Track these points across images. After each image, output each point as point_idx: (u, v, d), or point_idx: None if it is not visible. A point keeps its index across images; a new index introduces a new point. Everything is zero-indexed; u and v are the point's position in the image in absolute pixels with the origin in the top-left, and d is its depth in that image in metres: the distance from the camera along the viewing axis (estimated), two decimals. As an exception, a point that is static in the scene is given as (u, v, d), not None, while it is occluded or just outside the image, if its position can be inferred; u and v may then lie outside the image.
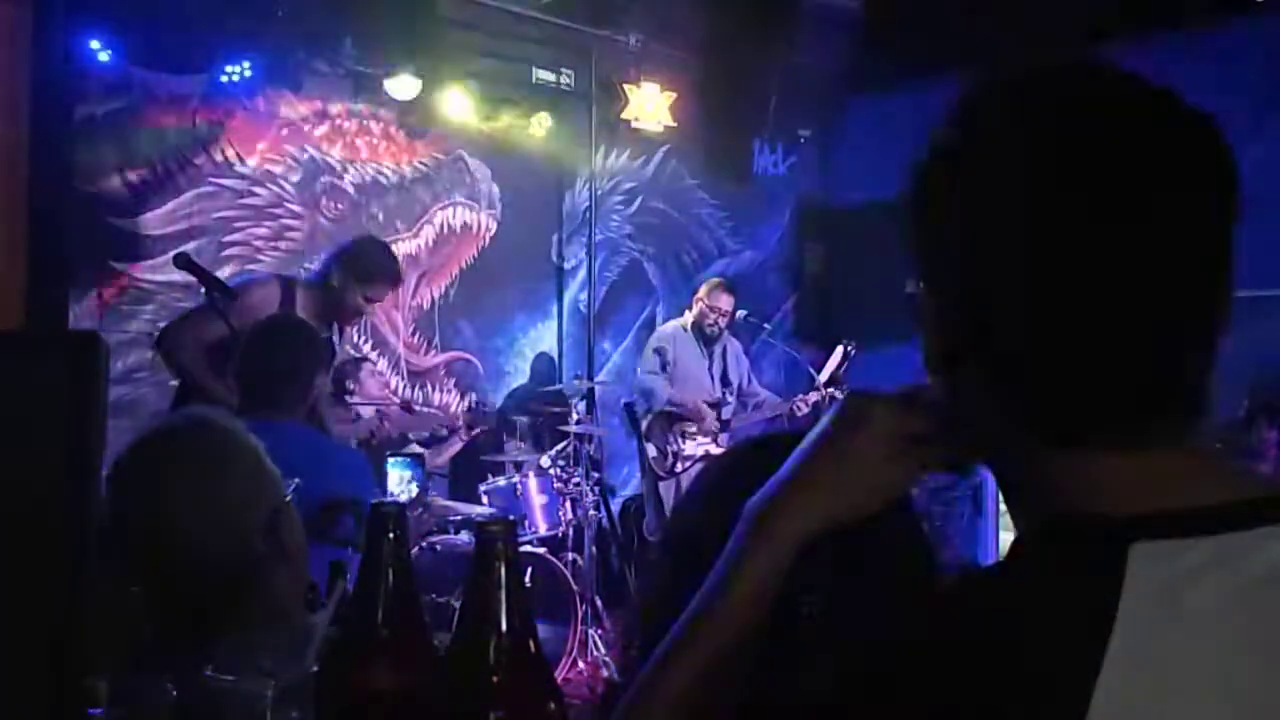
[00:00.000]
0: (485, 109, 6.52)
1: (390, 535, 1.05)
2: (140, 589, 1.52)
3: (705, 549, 1.18)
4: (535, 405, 6.27)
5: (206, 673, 1.06)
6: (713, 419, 6.07)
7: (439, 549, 4.71)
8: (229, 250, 5.78)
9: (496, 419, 6.18)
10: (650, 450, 6.05)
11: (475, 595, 0.99)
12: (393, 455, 4.77)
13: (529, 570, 4.56)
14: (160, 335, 4.18)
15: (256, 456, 1.57)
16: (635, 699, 0.92)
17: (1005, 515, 0.89)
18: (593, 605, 5.20)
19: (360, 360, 5.67)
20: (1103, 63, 0.79)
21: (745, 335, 7.33)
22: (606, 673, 4.78)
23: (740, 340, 6.89)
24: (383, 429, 5.01)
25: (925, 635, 0.78)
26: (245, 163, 5.87)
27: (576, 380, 6.45)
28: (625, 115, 7.00)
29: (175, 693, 1.12)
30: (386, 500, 2.36)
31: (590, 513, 5.50)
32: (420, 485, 4.75)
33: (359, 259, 4.22)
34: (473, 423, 5.82)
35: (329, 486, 2.64)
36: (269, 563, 1.52)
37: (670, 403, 6.05)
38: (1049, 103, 0.78)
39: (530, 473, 5.47)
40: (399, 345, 6.40)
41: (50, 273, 5.16)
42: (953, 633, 0.76)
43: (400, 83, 6.02)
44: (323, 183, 6.17)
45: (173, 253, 4.72)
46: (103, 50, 5.26)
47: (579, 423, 5.74)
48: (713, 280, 6.41)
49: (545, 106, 6.79)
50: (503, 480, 5.42)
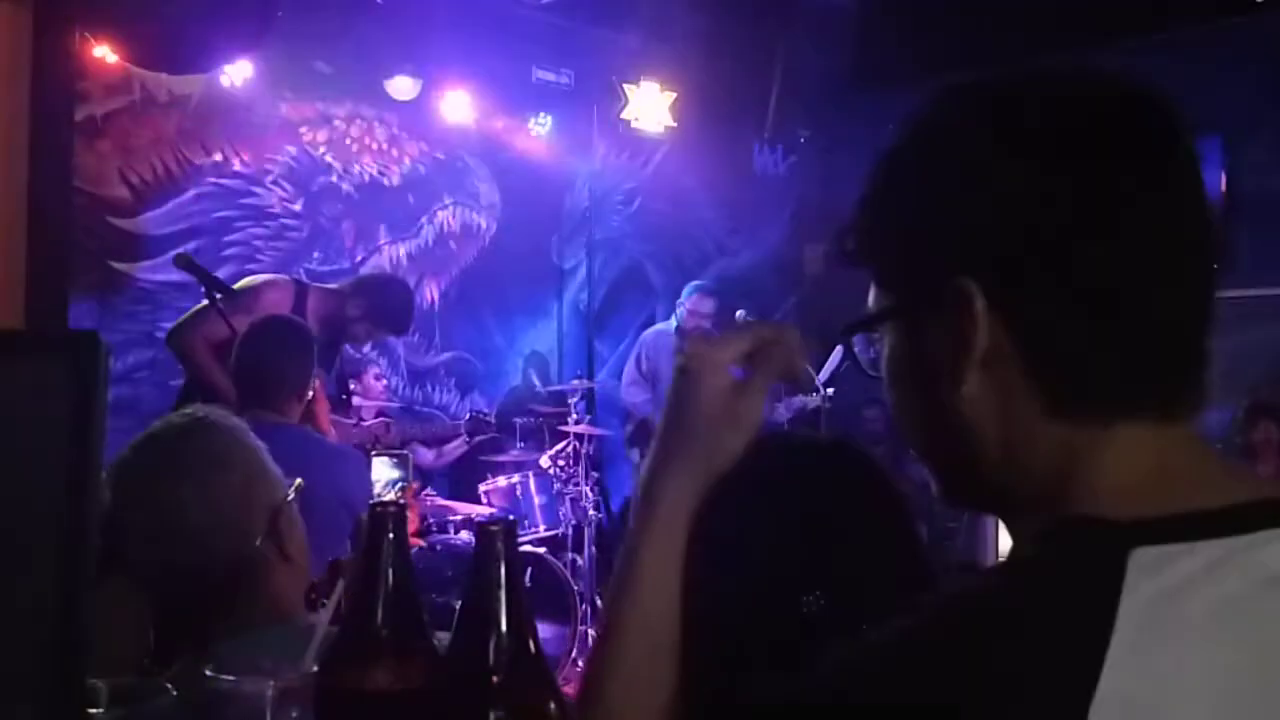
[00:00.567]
0: (485, 109, 6.52)
1: (390, 535, 1.05)
2: (142, 589, 1.52)
3: (698, 546, 1.18)
4: (535, 405, 6.27)
5: (206, 673, 1.06)
6: None
7: (439, 549, 4.71)
8: (229, 250, 5.79)
9: (498, 423, 6.18)
10: (634, 456, 6.09)
11: (475, 595, 0.99)
12: (378, 453, 4.74)
13: (529, 570, 4.56)
14: (170, 333, 4.19)
15: (258, 456, 1.57)
16: (586, 680, 0.98)
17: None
18: (593, 605, 5.20)
19: (363, 361, 5.67)
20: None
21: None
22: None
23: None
24: (388, 435, 5.01)
25: (926, 637, 0.78)
26: (245, 163, 5.87)
27: (576, 380, 6.45)
28: (625, 115, 7.00)
29: (175, 693, 1.12)
30: (387, 500, 2.37)
31: (590, 513, 5.50)
32: (404, 483, 4.74)
33: (384, 302, 4.29)
34: (475, 429, 5.82)
35: (326, 488, 2.63)
36: (270, 562, 1.52)
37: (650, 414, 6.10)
38: (1064, 92, 0.81)
39: (530, 473, 5.47)
40: (399, 345, 6.40)
41: (50, 273, 5.16)
42: (953, 635, 0.77)
43: (400, 83, 6.02)
44: (323, 183, 6.17)
45: (173, 253, 4.73)
46: (103, 50, 5.26)
47: (579, 422, 5.74)
48: (695, 285, 6.43)
49: (545, 106, 6.79)
50: (503, 480, 5.42)
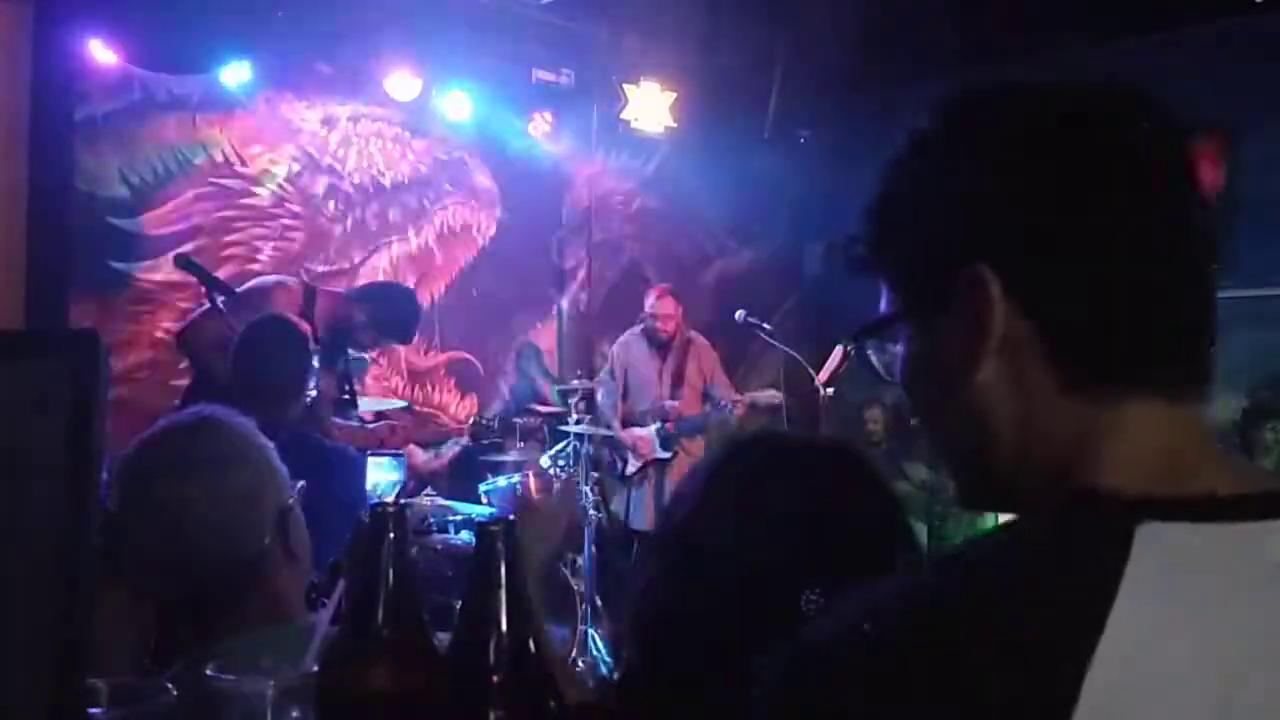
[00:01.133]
0: (485, 109, 6.52)
1: (390, 535, 1.05)
2: (146, 586, 1.52)
3: (698, 546, 1.18)
4: (535, 405, 6.27)
5: (206, 673, 1.06)
6: (650, 447, 6.10)
7: (439, 549, 4.71)
8: (229, 250, 5.78)
9: (500, 425, 6.18)
10: (605, 455, 6.13)
11: (475, 595, 0.99)
12: (373, 453, 4.73)
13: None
14: (179, 333, 4.21)
15: (267, 456, 1.58)
16: None
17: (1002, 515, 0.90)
18: (592, 605, 5.20)
19: (364, 362, 5.66)
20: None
21: (744, 335, 7.33)
22: (606, 672, 4.78)
23: (738, 340, 6.86)
24: (392, 437, 4.99)
25: (925, 597, 0.79)
26: (245, 163, 5.87)
27: (576, 380, 6.44)
28: (625, 115, 7.00)
29: (175, 693, 1.12)
30: (387, 501, 2.36)
31: (590, 513, 5.50)
32: (402, 482, 4.73)
33: (390, 310, 4.29)
34: (477, 434, 5.82)
35: (323, 489, 2.63)
36: (275, 561, 1.52)
37: (615, 425, 6.12)
38: (1075, 104, 0.85)
39: (530, 473, 5.47)
40: (399, 345, 6.39)
41: (50, 273, 5.16)
42: (952, 597, 0.78)
43: (400, 83, 6.02)
44: (323, 183, 6.17)
45: (173, 253, 4.74)
46: (103, 50, 5.26)
47: (579, 422, 5.74)
48: (657, 287, 6.44)
49: (545, 106, 6.79)
50: (503, 480, 5.42)
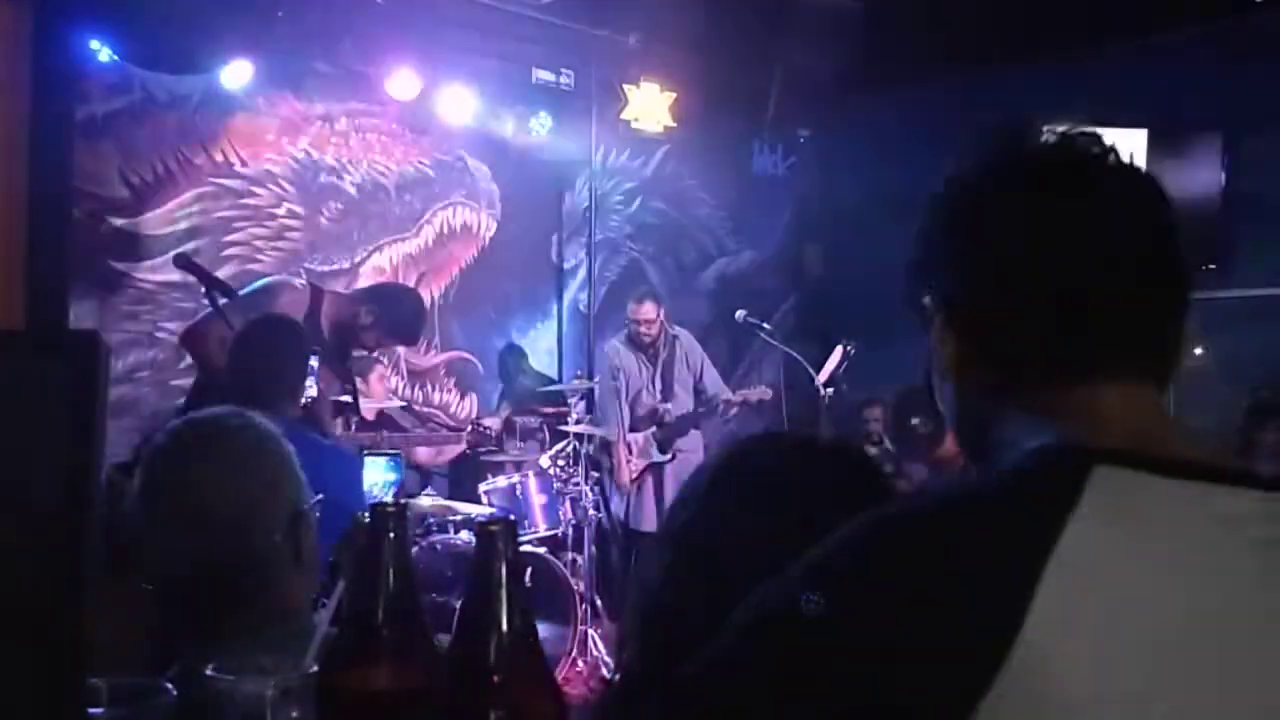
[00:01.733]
0: (485, 109, 6.52)
1: (390, 535, 1.05)
2: (157, 578, 1.52)
3: (701, 546, 1.18)
4: (535, 405, 6.27)
5: (206, 673, 1.06)
6: (633, 464, 6.09)
7: (439, 549, 4.71)
8: (229, 250, 5.79)
9: (502, 430, 6.18)
10: (605, 460, 6.11)
11: (475, 595, 0.99)
12: (370, 453, 4.71)
13: (529, 570, 4.56)
14: (186, 332, 4.22)
15: (289, 458, 1.60)
16: None
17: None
18: (592, 605, 5.20)
19: (365, 361, 5.65)
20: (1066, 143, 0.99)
21: (744, 335, 7.33)
22: (607, 672, 4.78)
23: (738, 340, 6.86)
24: (392, 438, 4.99)
25: (887, 526, 0.86)
26: (245, 163, 5.87)
27: (576, 380, 6.45)
28: (625, 115, 7.00)
29: (175, 693, 1.12)
30: (387, 501, 2.36)
31: (590, 513, 5.50)
32: (399, 482, 4.71)
33: (396, 312, 4.29)
34: (477, 442, 5.82)
35: (319, 487, 2.63)
36: (284, 563, 1.53)
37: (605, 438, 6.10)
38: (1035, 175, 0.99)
39: (530, 473, 5.47)
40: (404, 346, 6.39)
41: (50, 273, 5.16)
42: (919, 514, 0.85)
43: (400, 83, 6.02)
44: (323, 183, 6.17)
45: (173, 253, 4.74)
46: (103, 50, 5.26)
47: (579, 422, 5.74)
48: (637, 292, 6.40)
49: (545, 106, 6.79)
50: (503, 480, 5.42)
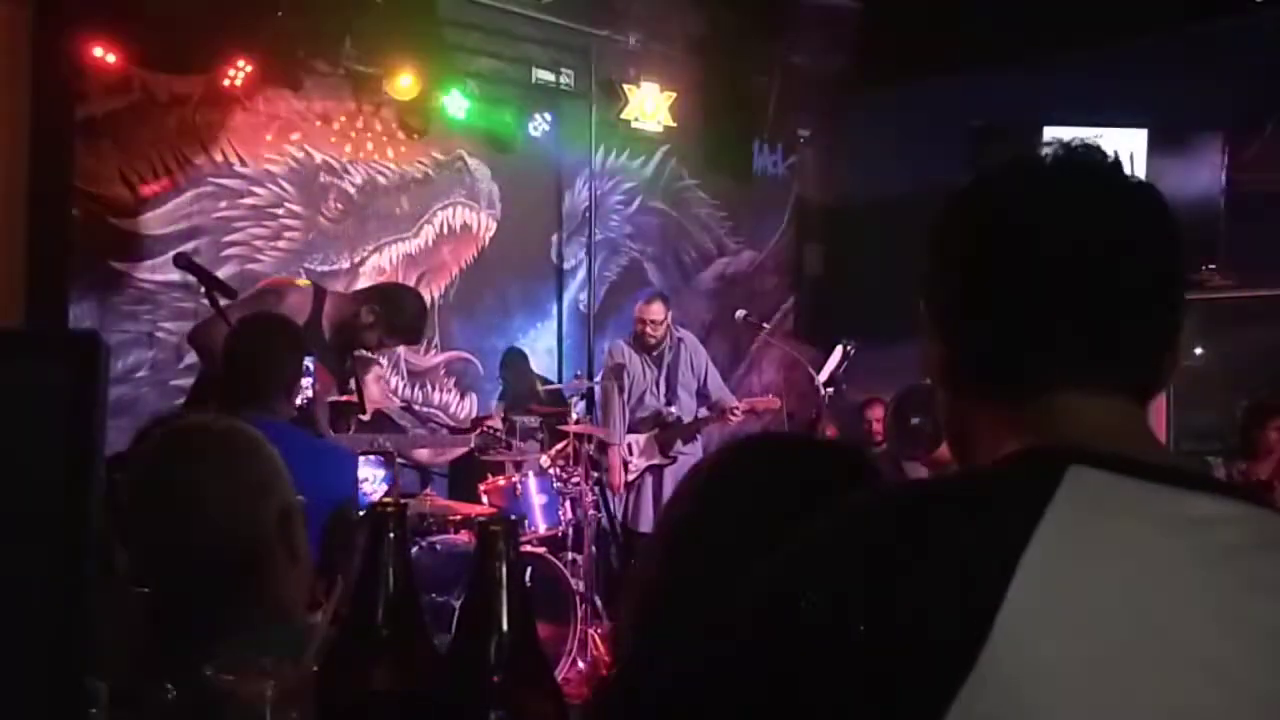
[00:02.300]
0: (485, 109, 6.52)
1: (390, 535, 1.06)
2: (151, 580, 1.52)
3: (696, 545, 1.18)
4: (534, 405, 6.27)
5: (206, 673, 1.06)
6: (633, 465, 6.08)
7: (439, 549, 4.71)
8: (229, 250, 5.78)
9: (504, 432, 6.17)
10: (605, 461, 6.10)
11: (475, 595, 0.99)
12: (362, 452, 4.70)
13: (529, 570, 4.56)
14: (194, 331, 4.22)
15: (276, 459, 1.61)
16: None
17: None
18: (592, 605, 5.20)
19: (365, 361, 5.64)
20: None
21: (744, 335, 7.34)
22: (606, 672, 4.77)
23: (738, 340, 6.85)
24: (384, 440, 4.98)
25: (860, 520, 0.88)
26: (245, 163, 5.86)
27: (576, 380, 6.45)
28: (625, 115, 7.00)
29: (175, 693, 1.12)
30: (387, 500, 2.35)
31: (590, 513, 5.50)
32: (389, 483, 4.71)
33: (398, 312, 4.28)
34: (484, 446, 5.81)
35: (311, 484, 2.62)
36: (278, 561, 1.53)
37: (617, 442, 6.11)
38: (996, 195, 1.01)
39: (530, 473, 5.47)
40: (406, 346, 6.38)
41: (50, 273, 5.16)
42: (886, 522, 0.85)
43: (400, 83, 6.02)
44: (323, 183, 6.17)
45: (173, 253, 4.73)
46: (103, 50, 5.25)
47: (578, 422, 5.73)
48: (646, 292, 6.40)
49: (545, 106, 6.79)
50: (503, 480, 5.42)
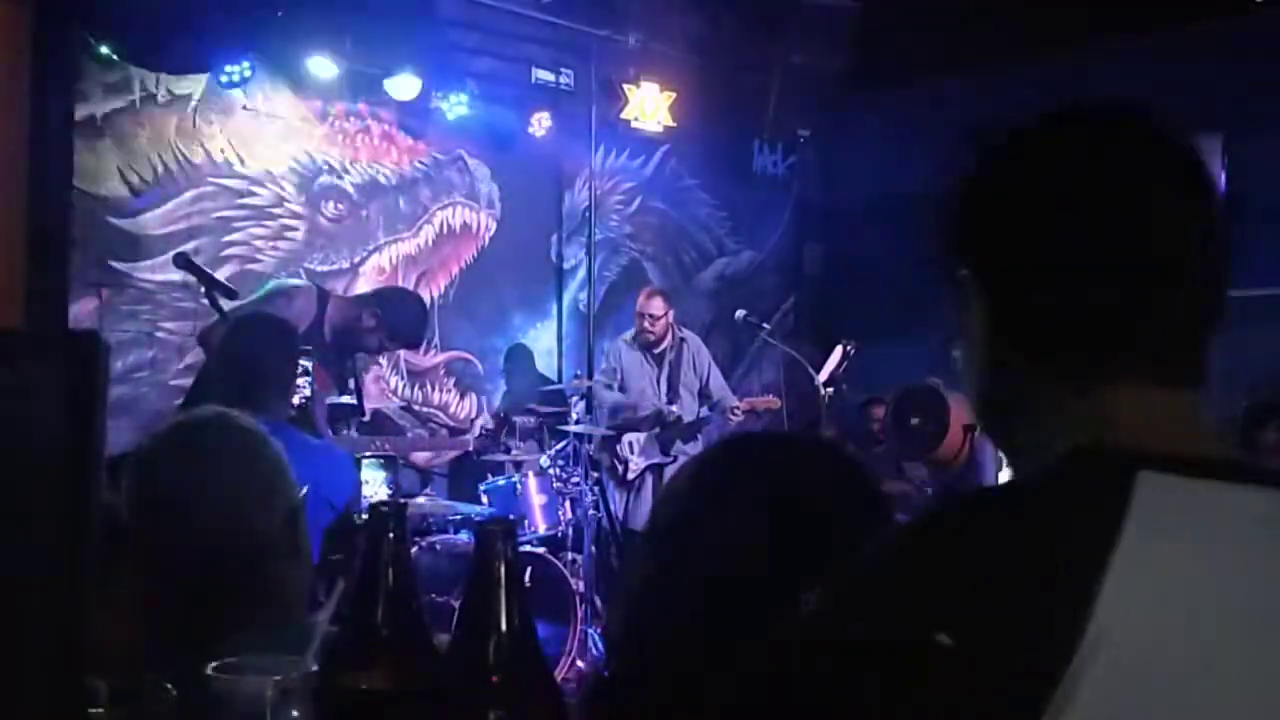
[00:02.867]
0: (485, 109, 6.52)
1: (390, 535, 1.06)
2: (155, 579, 1.52)
3: (684, 545, 1.18)
4: (534, 405, 6.27)
5: (206, 673, 1.06)
6: (634, 464, 6.04)
7: (439, 549, 4.71)
8: (229, 250, 5.79)
9: (504, 433, 6.17)
10: (605, 459, 6.08)
11: (475, 595, 0.99)
12: (365, 456, 4.70)
13: (529, 570, 4.56)
14: (204, 331, 4.24)
15: (282, 457, 1.60)
16: None
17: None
18: (592, 605, 5.20)
19: (366, 362, 5.64)
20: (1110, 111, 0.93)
21: (744, 335, 7.33)
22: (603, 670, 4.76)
23: (738, 340, 6.84)
24: (385, 443, 4.97)
25: (932, 543, 0.83)
26: (245, 163, 5.87)
27: (576, 380, 6.44)
28: (625, 115, 7.00)
29: (175, 693, 1.12)
30: (387, 500, 2.36)
31: (590, 513, 5.50)
32: (390, 485, 4.71)
33: (399, 315, 4.30)
34: (481, 449, 5.81)
35: (311, 485, 2.62)
36: (285, 560, 1.53)
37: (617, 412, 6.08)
38: (1072, 146, 0.92)
39: (530, 473, 5.47)
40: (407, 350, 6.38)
41: (50, 273, 5.16)
42: (960, 542, 0.82)
43: (400, 83, 6.02)
44: (322, 183, 6.17)
45: (173, 253, 4.73)
46: (103, 50, 5.25)
47: (578, 422, 5.74)
48: (647, 289, 6.38)
49: (545, 106, 6.79)
50: (502, 480, 5.42)
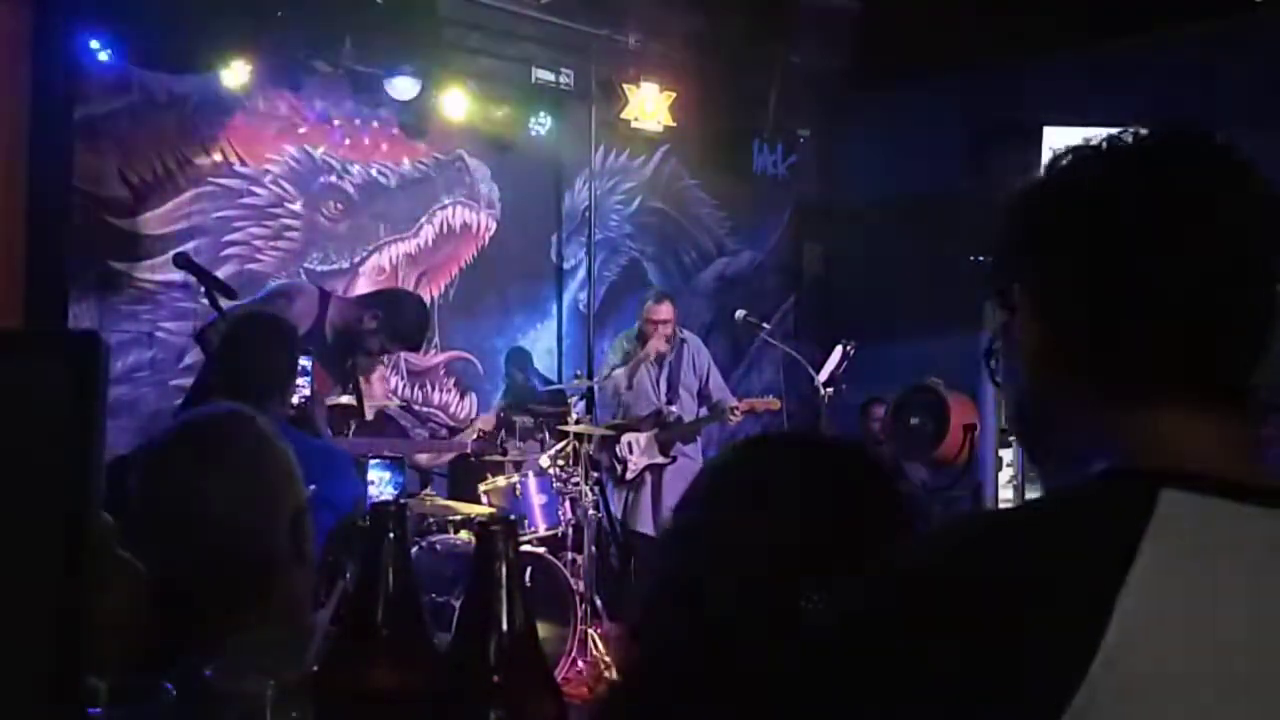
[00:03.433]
0: (485, 109, 6.52)
1: (390, 535, 1.06)
2: (159, 579, 1.52)
3: (702, 547, 1.18)
4: (534, 405, 6.27)
5: (206, 673, 1.06)
6: (633, 463, 6.06)
7: (439, 549, 4.71)
8: (229, 250, 5.79)
9: (504, 434, 6.17)
10: (604, 459, 6.08)
11: (475, 595, 0.99)
12: (374, 457, 4.72)
13: (529, 570, 4.56)
14: (203, 330, 4.24)
15: (289, 457, 1.57)
16: None
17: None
18: (592, 605, 5.20)
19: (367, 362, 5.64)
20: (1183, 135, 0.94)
21: (744, 335, 7.33)
22: (608, 672, 4.77)
23: (738, 340, 6.83)
24: (384, 445, 4.97)
25: (955, 554, 0.84)
26: (245, 163, 5.87)
27: (576, 379, 6.44)
28: (625, 115, 7.00)
29: (175, 693, 1.12)
30: (387, 500, 2.36)
31: (590, 512, 5.50)
32: (397, 486, 4.72)
33: (400, 316, 4.29)
34: (481, 451, 5.81)
35: (311, 485, 2.62)
36: (290, 562, 1.52)
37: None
38: (1137, 170, 0.93)
39: (530, 473, 5.47)
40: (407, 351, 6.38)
41: (50, 273, 5.16)
42: (981, 554, 0.83)
43: (400, 83, 6.02)
44: (322, 183, 6.17)
45: (173, 253, 4.73)
46: (103, 50, 5.26)
47: (578, 422, 5.73)
48: (655, 292, 6.38)
49: (545, 106, 6.79)
50: (503, 480, 5.42)
